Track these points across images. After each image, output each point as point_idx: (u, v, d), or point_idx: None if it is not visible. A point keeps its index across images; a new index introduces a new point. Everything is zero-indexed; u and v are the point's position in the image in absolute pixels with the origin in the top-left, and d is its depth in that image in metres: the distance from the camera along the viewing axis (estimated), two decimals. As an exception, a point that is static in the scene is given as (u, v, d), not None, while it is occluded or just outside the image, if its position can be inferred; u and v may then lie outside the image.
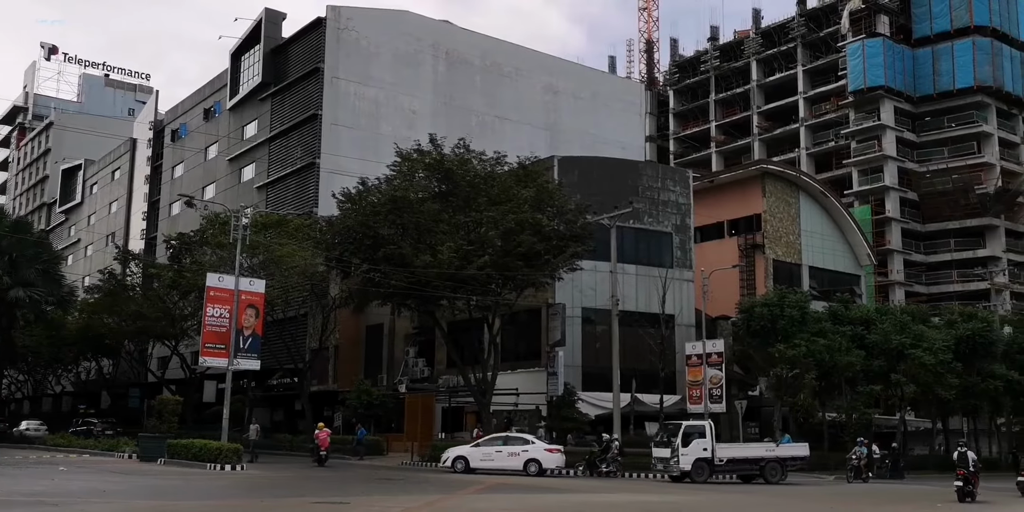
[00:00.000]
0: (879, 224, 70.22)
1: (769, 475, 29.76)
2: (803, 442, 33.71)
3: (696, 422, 31.34)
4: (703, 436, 29.36)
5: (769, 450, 30.59)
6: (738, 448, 31.39)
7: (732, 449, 30.64)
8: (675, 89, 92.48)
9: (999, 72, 74.05)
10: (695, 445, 29.16)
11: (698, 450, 29.15)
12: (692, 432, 29.54)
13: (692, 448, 29.11)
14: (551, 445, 31.77)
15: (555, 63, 65.67)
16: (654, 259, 42.90)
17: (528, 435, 32.61)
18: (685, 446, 29.16)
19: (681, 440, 29.23)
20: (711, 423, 30.89)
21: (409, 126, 53.55)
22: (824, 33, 78.77)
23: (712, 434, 29.73)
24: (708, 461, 29.20)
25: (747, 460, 30.08)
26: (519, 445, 30.81)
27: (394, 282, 34.13)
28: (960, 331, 44.35)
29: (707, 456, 29.17)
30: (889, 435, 44.34)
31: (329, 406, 48.93)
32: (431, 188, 36.26)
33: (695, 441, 29.22)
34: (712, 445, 29.33)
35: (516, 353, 41.08)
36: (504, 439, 31.67)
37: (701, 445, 29.18)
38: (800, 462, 31.44)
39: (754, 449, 31.10)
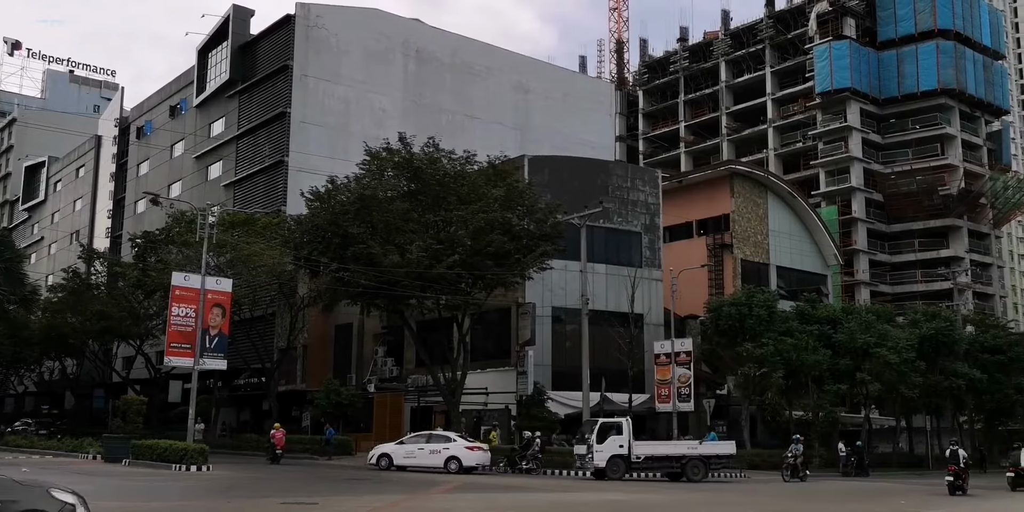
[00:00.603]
0: (845, 224, 71.02)
1: (691, 473, 29.15)
2: (730, 440, 33.24)
3: (613, 419, 30.83)
4: (620, 433, 28.94)
5: (691, 448, 30.04)
6: (658, 445, 30.88)
7: (651, 446, 30.21)
8: (645, 89, 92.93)
9: (962, 75, 75.18)
10: (611, 442, 28.73)
11: (614, 447, 28.74)
12: (608, 428, 29.14)
13: (608, 445, 28.70)
14: (472, 443, 31.71)
15: (525, 62, 65.70)
16: (623, 258, 43.04)
17: (451, 433, 32.65)
18: (600, 443, 28.70)
19: (596, 437, 28.80)
20: (629, 420, 30.37)
21: (379, 124, 53.28)
22: (792, 35, 79.53)
23: (629, 431, 29.22)
24: (624, 458, 28.79)
25: (668, 457, 29.55)
26: (440, 443, 31.14)
27: (363, 281, 33.96)
28: (924, 330, 44.97)
29: (623, 453, 28.75)
30: (854, 433, 44.85)
31: (297, 406, 48.61)
32: (400, 187, 36.12)
33: (611, 438, 28.78)
34: (629, 442, 28.89)
35: (486, 352, 41.02)
36: (427, 437, 32.07)
37: (617, 442, 28.75)
38: (725, 460, 30.59)
39: (675, 447, 30.65)
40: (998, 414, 53.62)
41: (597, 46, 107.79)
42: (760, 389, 39.64)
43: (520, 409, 37.30)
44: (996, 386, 49.25)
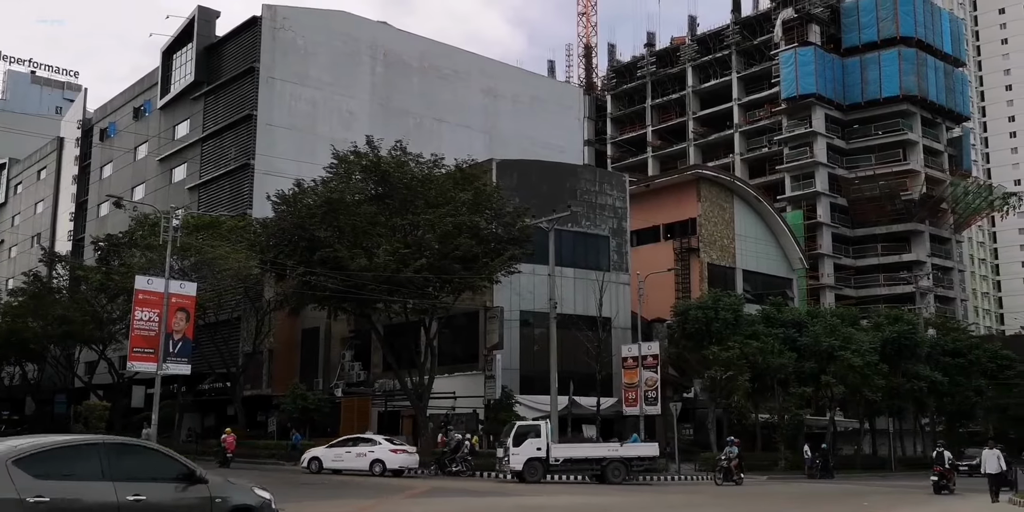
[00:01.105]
0: (810, 229, 71.79)
1: (612, 475, 28.96)
2: (653, 442, 33.01)
3: (531, 421, 30.72)
4: (538, 435, 28.81)
5: (612, 450, 29.88)
6: (577, 448, 30.62)
7: (570, 449, 29.98)
8: (613, 94, 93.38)
9: (924, 82, 76.36)
10: (528, 445, 28.63)
11: (531, 450, 28.62)
12: (525, 432, 29.01)
13: (524, 448, 28.60)
14: (397, 446, 31.82)
15: (494, 66, 65.72)
16: (591, 262, 43.15)
17: (378, 436, 32.95)
18: (517, 446, 28.62)
19: (513, 440, 28.73)
20: (548, 422, 30.31)
21: (346, 127, 53.01)
22: (758, 41, 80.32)
23: (548, 433, 29.08)
24: (542, 461, 28.65)
25: (587, 460, 29.41)
26: (366, 446, 31.58)
27: (330, 285, 33.72)
28: (887, 333, 45.55)
29: (541, 456, 28.62)
30: (819, 435, 45.27)
31: (263, 411, 48.16)
32: (368, 190, 35.92)
33: (528, 441, 28.68)
34: (547, 444, 28.75)
35: (453, 356, 40.92)
36: (354, 440, 32.40)
37: (535, 445, 28.63)
38: (647, 462, 30.24)
39: (596, 449, 30.45)
40: (959, 416, 54.46)
41: (566, 50, 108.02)
42: (726, 392, 39.90)
43: (488, 413, 37.24)
44: (957, 388, 50.02)
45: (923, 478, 32.50)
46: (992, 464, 23.64)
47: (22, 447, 8.67)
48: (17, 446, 8.70)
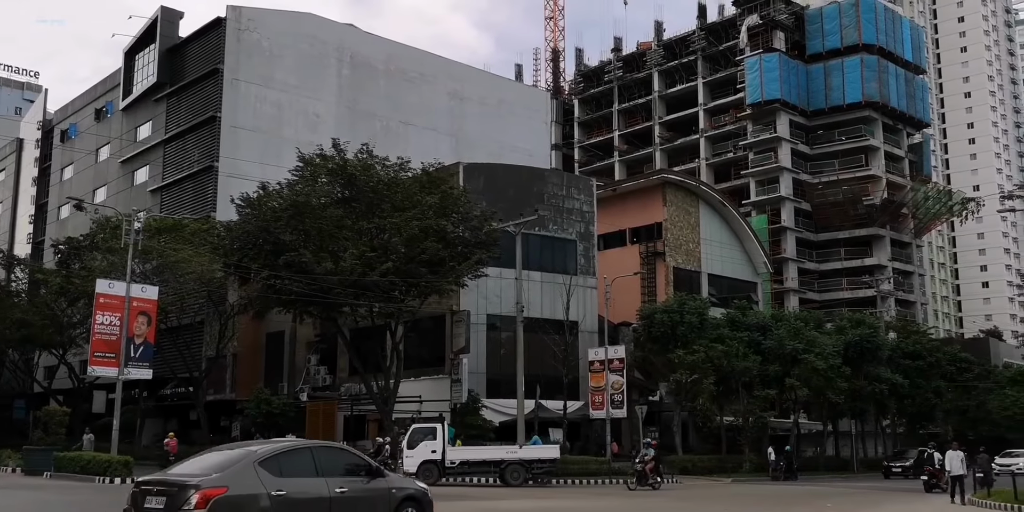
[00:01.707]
0: (775, 233, 72.53)
1: (511, 477, 28.87)
2: (552, 444, 32.81)
3: (427, 424, 30.85)
4: (434, 438, 28.92)
5: (511, 452, 29.78)
6: (473, 450, 30.60)
7: (467, 451, 30.00)
8: (580, 98, 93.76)
9: (885, 89, 77.54)
10: (422, 447, 28.80)
11: (426, 452, 28.74)
12: (420, 434, 29.18)
13: (419, 450, 28.78)
14: None
15: (461, 69, 65.67)
16: (558, 266, 43.20)
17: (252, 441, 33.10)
18: (412, 448, 28.85)
19: (407, 442, 28.97)
20: (444, 425, 30.27)
21: (312, 130, 52.67)
22: (723, 47, 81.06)
23: (444, 435, 29.10)
24: (437, 463, 28.70)
25: (485, 462, 29.36)
26: None
27: (295, 289, 33.45)
28: (849, 337, 46.09)
29: (436, 458, 28.71)
30: (783, 438, 45.68)
31: (226, 416, 47.65)
32: (334, 194, 35.70)
33: (423, 443, 28.85)
34: (443, 447, 28.81)
35: (420, 360, 40.78)
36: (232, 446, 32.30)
37: (429, 447, 28.78)
38: (548, 465, 29.73)
39: (493, 451, 30.34)
40: (919, 418, 55.24)
41: (533, 55, 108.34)
42: (692, 395, 40.14)
43: (454, 417, 37.12)
44: (917, 390, 50.74)
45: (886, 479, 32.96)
46: (956, 465, 24.02)
47: (261, 451, 11.03)
48: (256, 451, 11.06)
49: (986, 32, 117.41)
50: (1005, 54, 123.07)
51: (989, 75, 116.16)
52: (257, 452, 11.04)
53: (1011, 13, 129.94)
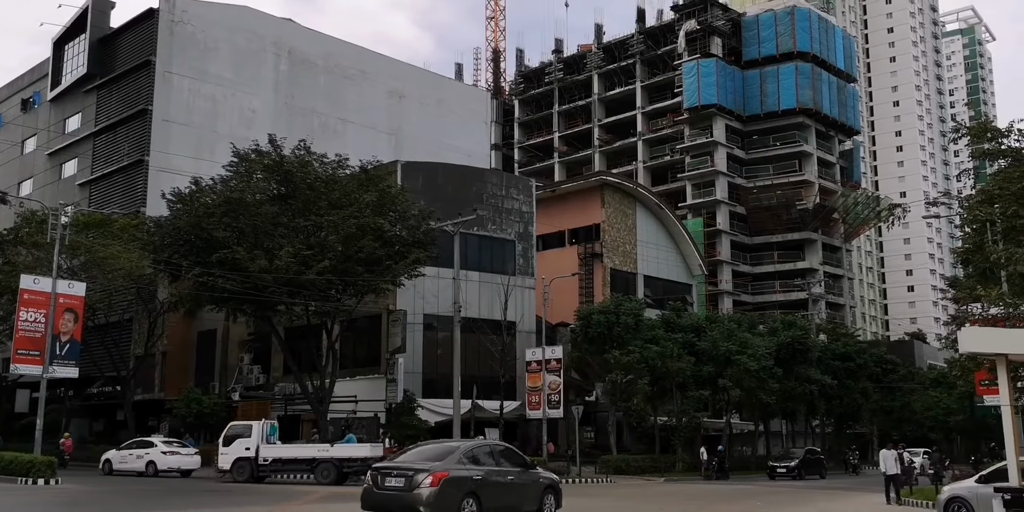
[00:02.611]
0: (710, 236, 73.57)
1: (320, 476, 28.92)
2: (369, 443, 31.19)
3: (243, 422, 31.65)
4: (248, 436, 29.65)
5: (322, 450, 29.79)
6: (286, 448, 30.79)
7: (280, 449, 30.29)
8: (520, 99, 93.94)
9: (819, 96, 79.30)
10: (237, 445, 29.60)
11: (240, 450, 29.51)
12: (237, 433, 30.03)
13: (233, 448, 29.59)
14: (170, 448, 33.38)
15: (401, 67, 65.25)
16: (497, 266, 43.14)
17: (155, 439, 34.92)
18: (227, 446, 29.70)
19: (223, 440, 29.81)
20: (262, 423, 30.63)
21: (247, 125, 51.79)
22: (662, 51, 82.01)
23: (260, 434, 29.63)
24: (251, 460, 29.41)
25: (297, 460, 29.70)
26: (143, 448, 33.37)
27: (228, 287, 32.77)
28: (781, 338, 46.91)
29: (249, 455, 29.41)
30: (716, 437, 46.31)
31: (155, 415, 46.60)
32: (269, 190, 35.06)
33: (238, 441, 29.66)
34: (257, 445, 29.43)
35: (356, 360, 40.39)
36: (138, 443, 34.18)
37: (243, 445, 29.53)
38: (359, 463, 28.50)
39: (305, 449, 30.54)
40: (847, 418, 56.58)
41: (474, 54, 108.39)
42: (627, 395, 40.43)
43: (390, 417, 36.84)
44: (845, 391, 51.94)
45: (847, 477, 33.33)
46: (890, 465, 24.16)
47: (463, 448, 15.80)
48: (459, 447, 15.87)
49: (914, 43, 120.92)
50: (932, 65, 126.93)
51: (916, 85, 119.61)
52: (460, 448, 15.78)
53: (938, 25, 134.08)
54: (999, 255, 17.71)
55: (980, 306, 24.37)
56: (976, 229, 18.82)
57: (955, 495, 17.18)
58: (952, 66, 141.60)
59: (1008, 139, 18.68)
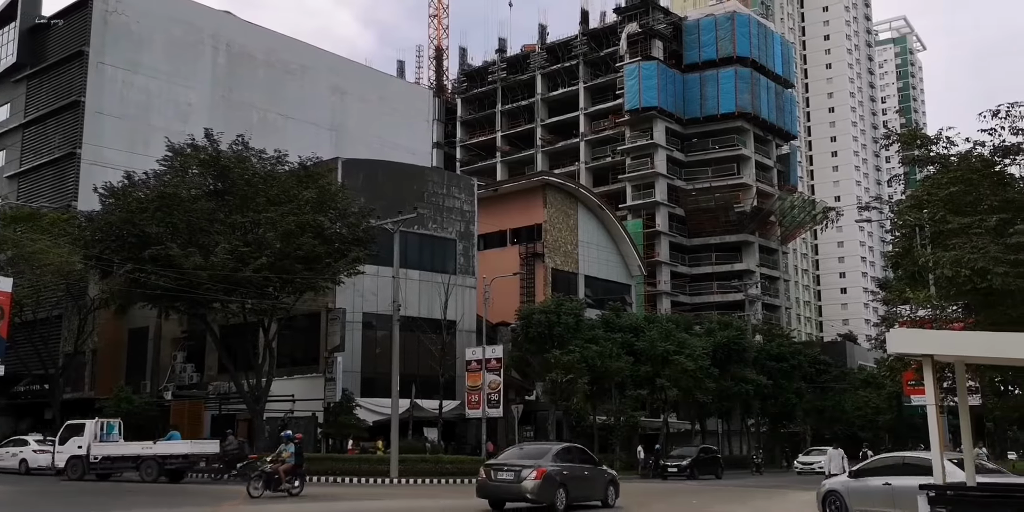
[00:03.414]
0: (650, 237, 74.30)
1: (144, 473, 29.26)
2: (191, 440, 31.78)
3: (79, 420, 31.95)
4: (82, 434, 30.11)
5: (145, 448, 30.17)
6: (115, 446, 31.20)
7: (108, 447, 30.75)
8: (463, 98, 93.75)
9: (757, 100, 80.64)
10: (71, 443, 30.14)
11: (73, 448, 30.08)
12: (72, 430, 30.50)
13: (68, 446, 30.19)
14: (43, 447, 33.42)
15: (343, 63, 64.62)
16: (438, 265, 42.97)
17: (30, 437, 35.75)
18: (62, 444, 30.27)
19: (58, 439, 30.55)
20: (95, 422, 30.89)
21: (183, 119, 50.79)
22: (604, 53, 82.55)
23: (92, 432, 30.02)
24: (83, 458, 29.95)
25: (124, 457, 30.24)
26: (18, 447, 34.50)
27: (162, 283, 32.05)
28: (717, 339, 47.58)
29: (82, 454, 29.94)
30: (653, 437, 46.76)
31: (84, 414, 45.26)
32: (205, 186, 34.38)
33: (72, 439, 30.17)
34: (89, 443, 29.95)
35: (293, 358, 39.89)
36: (14, 441, 35.25)
37: (76, 443, 30.06)
38: (181, 460, 29.22)
39: (129, 447, 30.99)
40: (781, 417, 57.62)
41: (416, 52, 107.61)
42: (567, 395, 40.60)
43: (327, 416, 36.47)
44: (780, 391, 52.89)
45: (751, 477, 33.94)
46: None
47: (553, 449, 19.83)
48: (550, 448, 19.99)
49: (849, 51, 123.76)
50: (865, 72, 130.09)
51: (851, 92, 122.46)
52: (552, 450, 19.83)
53: (872, 34, 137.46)
54: (927, 259, 18.14)
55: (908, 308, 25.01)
56: (905, 233, 19.29)
57: (831, 489, 17.96)
58: (884, 74, 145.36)
59: (936, 146, 19.16)
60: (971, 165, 18.16)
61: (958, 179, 18.06)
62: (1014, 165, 18.54)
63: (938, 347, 12.00)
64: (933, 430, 11.95)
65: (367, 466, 31.50)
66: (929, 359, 11.86)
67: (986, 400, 26.11)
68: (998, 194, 17.71)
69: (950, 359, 12.77)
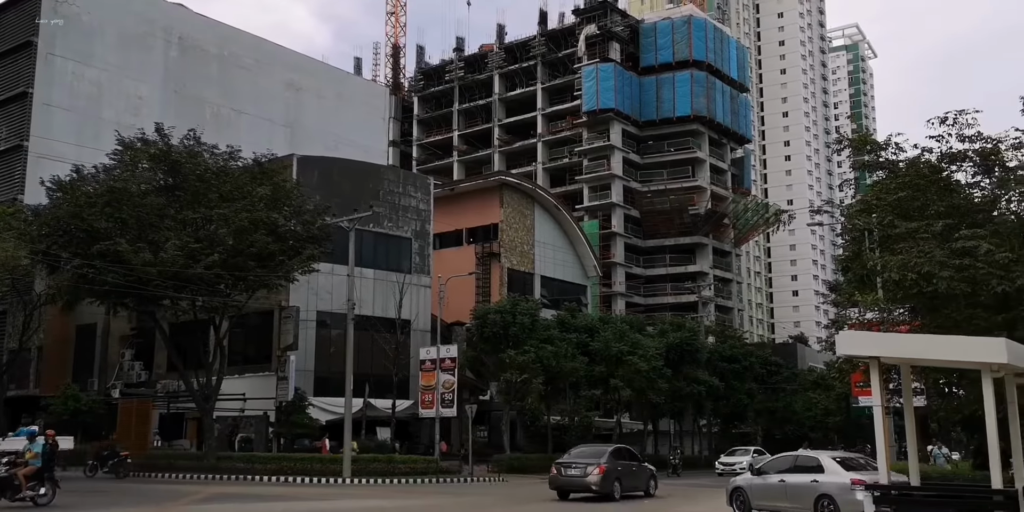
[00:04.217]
0: (605, 238, 74.67)
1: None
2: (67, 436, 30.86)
3: None
4: None
5: None
6: None
7: None
8: (420, 96, 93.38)
9: (712, 104, 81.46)
10: None
11: None
12: None
13: None
14: None
15: (299, 59, 63.97)
16: (393, 264, 42.79)
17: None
18: None
19: None
20: None
21: (134, 113, 49.94)
22: (563, 54, 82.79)
23: None
24: None
25: None
26: None
27: (110, 279, 31.44)
28: (670, 340, 47.95)
29: None
30: (606, 436, 46.98)
31: (29, 413, 44.39)
32: (156, 181, 33.78)
33: None
34: None
35: (245, 357, 39.44)
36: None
37: None
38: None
39: None
40: (732, 417, 58.27)
41: (373, 49, 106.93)
42: (521, 395, 40.62)
43: (279, 416, 36.12)
44: (731, 392, 53.48)
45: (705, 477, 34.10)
46: None
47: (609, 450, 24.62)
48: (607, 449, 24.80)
49: (803, 56, 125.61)
50: (819, 78, 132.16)
51: (804, 97, 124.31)
52: (608, 450, 24.41)
53: (825, 40, 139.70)
54: (875, 262, 18.44)
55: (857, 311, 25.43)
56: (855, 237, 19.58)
57: (736, 486, 19.42)
58: (837, 80, 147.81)
59: (885, 152, 19.46)
60: (919, 171, 18.49)
61: (906, 185, 18.37)
62: (960, 172, 18.93)
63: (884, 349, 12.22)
64: (879, 430, 12.16)
65: (319, 466, 31.24)
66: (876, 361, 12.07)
67: (931, 401, 26.63)
68: (944, 200, 18.05)
69: (896, 361, 13.01)
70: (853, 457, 19.51)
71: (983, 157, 18.36)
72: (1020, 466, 12.35)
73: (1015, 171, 18.17)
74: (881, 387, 12.54)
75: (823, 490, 16.90)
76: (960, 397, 22.89)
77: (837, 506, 16.52)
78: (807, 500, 17.15)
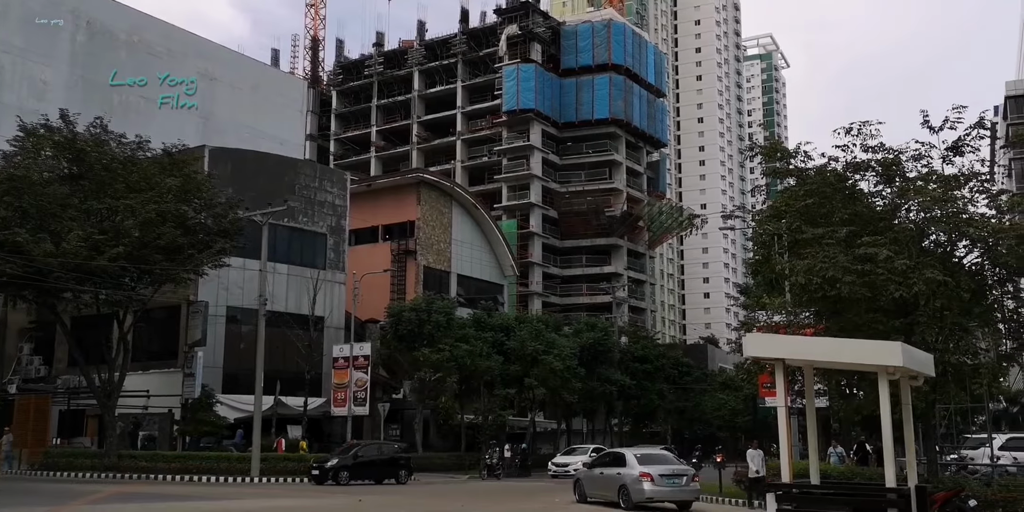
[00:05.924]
0: (523, 238, 74.96)
1: None
2: None
3: None
4: None
5: None
6: None
7: None
8: (339, 90, 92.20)
9: (630, 108, 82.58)
10: None
11: None
12: None
13: None
14: None
15: (214, 49, 62.40)
16: (307, 259, 42.22)
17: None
18: None
19: None
20: None
21: (39, 98, 48.02)
22: (484, 53, 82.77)
23: None
24: None
25: None
26: None
27: (8, 270, 30.16)
28: (584, 339, 48.47)
29: None
30: (520, 435, 47.22)
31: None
32: (59, 169, 32.59)
33: None
34: None
35: (150, 352, 38.43)
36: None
37: None
38: None
39: None
40: (643, 417, 59.22)
41: (292, 41, 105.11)
42: (435, 393, 40.56)
43: (185, 413, 35.27)
44: (643, 392, 54.35)
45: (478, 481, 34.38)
46: (759, 465, 21.60)
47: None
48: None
49: (719, 64, 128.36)
50: (734, 86, 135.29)
51: (719, 104, 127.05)
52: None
53: (740, 49, 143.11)
54: (783, 267, 18.91)
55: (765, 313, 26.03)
56: (764, 242, 20.00)
57: (577, 478, 23.70)
58: (751, 88, 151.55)
59: (795, 160, 19.96)
60: (825, 179, 19.00)
61: (813, 192, 18.87)
62: (864, 181, 19.54)
63: (789, 351, 12.57)
64: (783, 430, 12.49)
65: (225, 465, 30.61)
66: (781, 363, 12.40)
67: (833, 402, 27.48)
68: (848, 207, 18.60)
69: (799, 363, 13.40)
70: (657, 453, 23.29)
71: (885, 167, 18.98)
72: (912, 464, 12.84)
73: (914, 181, 18.84)
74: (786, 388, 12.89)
75: (622, 481, 20.87)
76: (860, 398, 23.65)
77: (629, 494, 20.51)
78: (613, 489, 21.24)
